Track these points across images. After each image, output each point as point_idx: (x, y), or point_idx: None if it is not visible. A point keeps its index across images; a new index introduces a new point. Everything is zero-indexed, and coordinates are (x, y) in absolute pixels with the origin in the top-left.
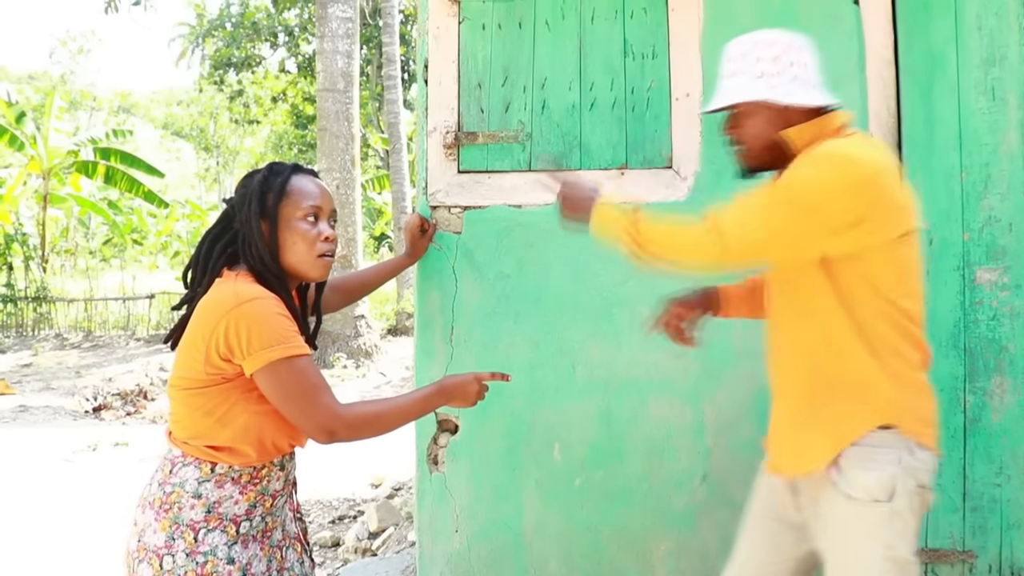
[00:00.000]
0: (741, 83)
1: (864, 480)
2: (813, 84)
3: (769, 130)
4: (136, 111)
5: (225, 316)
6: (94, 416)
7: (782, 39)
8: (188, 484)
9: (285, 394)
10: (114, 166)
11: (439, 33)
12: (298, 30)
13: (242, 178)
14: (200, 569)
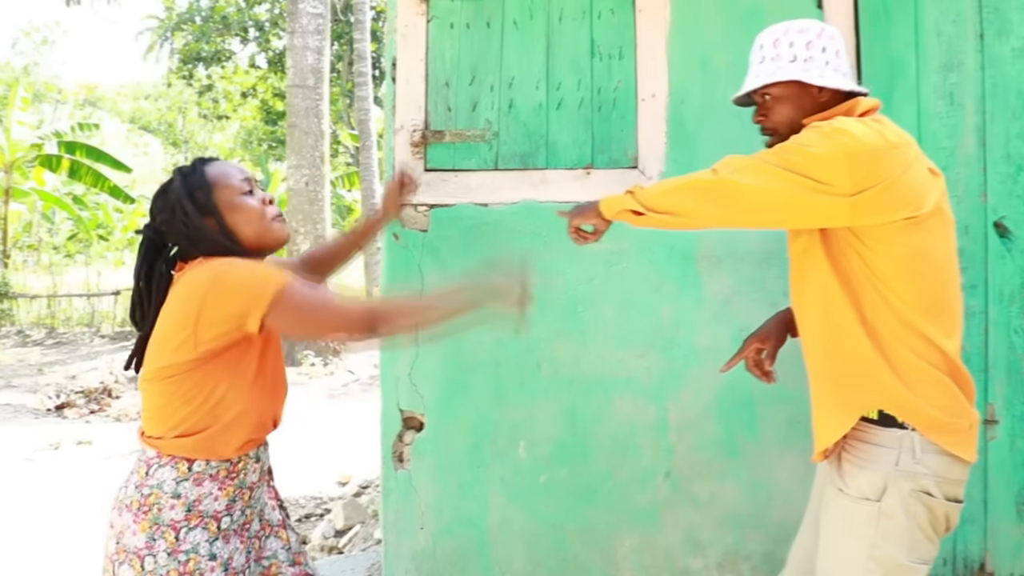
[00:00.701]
0: (775, 67)
1: (856, 477)
2: (844, 71)
3: (800, 115)
4: (103, 104)
5: (208, 290)
6: (56, 414)
7: (814, 26)
8: (166, 485)
9: (303, 319)
10: (79, 160)
11: (407, 31)
12: (269, 25)
13: (156, 198)
14: (182, 567)
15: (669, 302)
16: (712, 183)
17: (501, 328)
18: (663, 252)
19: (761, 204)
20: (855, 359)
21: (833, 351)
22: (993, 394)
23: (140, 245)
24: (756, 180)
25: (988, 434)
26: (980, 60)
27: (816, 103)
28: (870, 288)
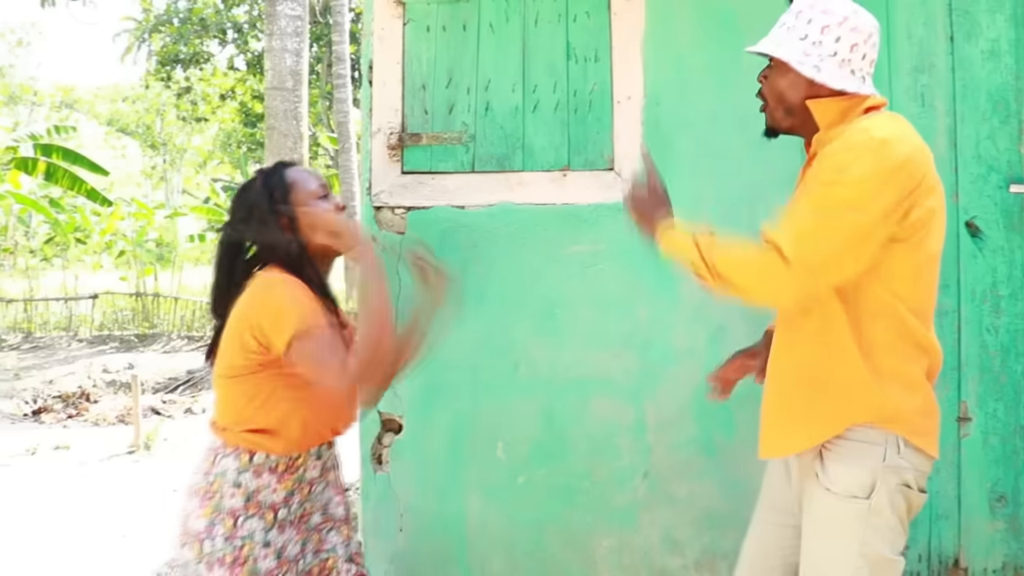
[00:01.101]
0: (783, 38)
1: (844, 475)
2: (853, 68)
3: (793, 95)
4: (80, 107)
5: (257, 303)
6: (33, 419)
7: (840, 11)
8: (228, 474)
9: (308, 369)
10: (56, 163)
11: (384, 34)
12: (247, 27)
13: (236, 196)
14: (237, 552)
15: (645, 303)
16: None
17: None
18: (639, 253)
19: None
20: (845, 377)
21: (820, 365)
22: (966, 392)
23: (219, 243)
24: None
25: (961, 431)
26: (950, 62)
27: (812, 89)
28: (878, 293)
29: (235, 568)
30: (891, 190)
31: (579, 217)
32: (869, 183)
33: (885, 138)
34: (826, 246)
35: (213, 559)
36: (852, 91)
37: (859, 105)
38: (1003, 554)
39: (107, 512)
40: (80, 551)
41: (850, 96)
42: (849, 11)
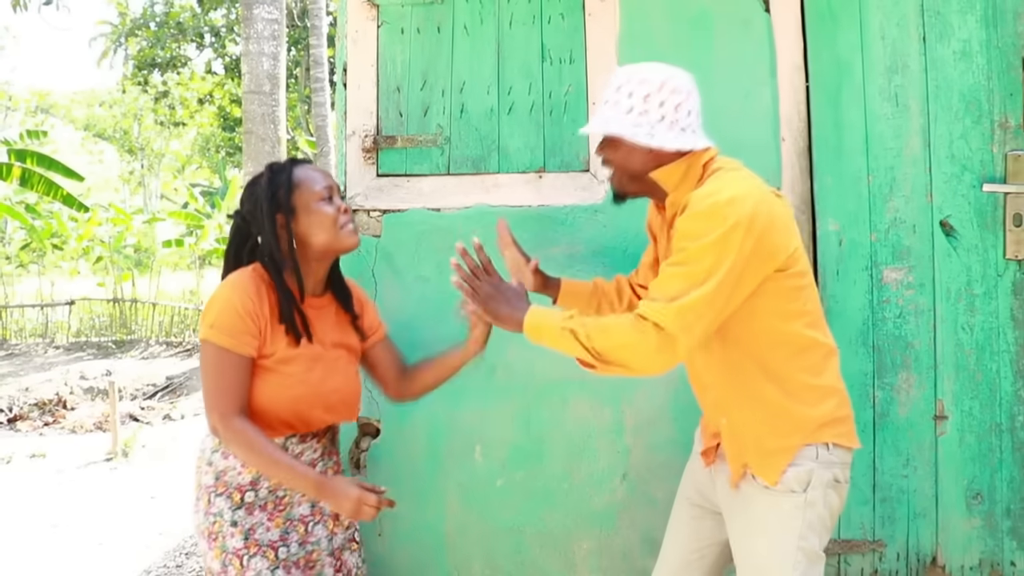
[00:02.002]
0: (610, 115)
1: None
2: (683, 126)
3: (634, 164)
4: (56, 112)
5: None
6: (9, 427)
7: (655, 78)
8: (206, 453)
9: (203, 373)
10: (31, 168)
11: (358, 37)
12: (224, 30)
13: (246, 187)
14: (211, 527)
15: None
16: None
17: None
18: (616, 254)
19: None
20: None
21: (740, 406)
22: (942, 390)
23: (231, 229)
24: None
25: (937, 430)
26: (923, 63)
27: (651, 156)
28: (771, 325)
29: (211, 542)
30: (747, 242)
31: (555, 219)
32: (723, 244)
33: (730, 197)
34: (706, 314)
35: (202, 530)
36: (687, 148)
37: (697, 162)
38: (980, 551)
39: (84, 520)
40: (57, 559)
41: (686, 156)
42: (665, 75)
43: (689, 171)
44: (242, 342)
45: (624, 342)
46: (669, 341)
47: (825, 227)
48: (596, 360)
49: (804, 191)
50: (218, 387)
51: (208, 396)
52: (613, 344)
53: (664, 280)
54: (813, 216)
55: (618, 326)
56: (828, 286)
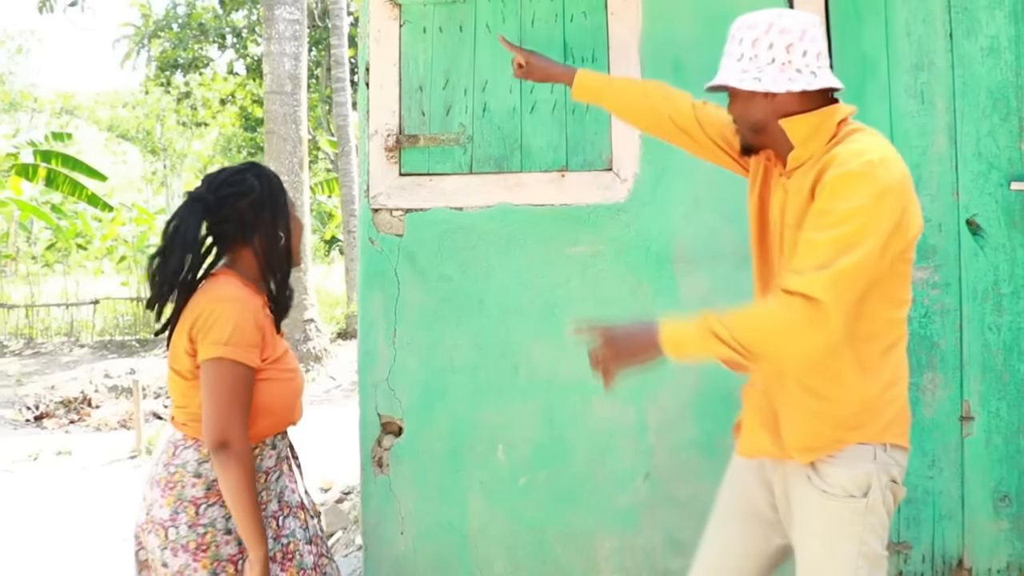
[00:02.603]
0: (725, 66)
1: (839, 476)
2: (798, 67)
3: (753, 113)
4: (80, 113)
5: (201, 309)
6: (36, 425)
7: (763, 21)
8: (189, 465)
9: (211, 391)
10: (56, 169)
11: (380, 36)
12: (246, 31)
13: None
14: (200, 539)
15: (645, 304)
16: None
17: None
18: (639, 254)
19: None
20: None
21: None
22: (968, 391)
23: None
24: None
25: (964, 431)
26: (950, 59)
27: (771, 104)
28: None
29: (198, 554)
30: (896, 209)
31: (578, 218)
32: (876, 208)
33: (881, 158)
34: (858, 282)
35: (178, 546)
36: (801, 89)
37: (831, 119)
38: (1007, 554)
39: (109, 516)
40: (82, 555)
41: (820, 111)
42: (773, 16)
43: (822, 126)
44: (254, 356)
45: (773, 326)
46: (822, 314)
47: None
48: (744, 356)
49: None
50: (233, 405)
51: (221, 415)
52: (761, 332)
53: (809, 248)
54: None
55: (762, 311)
56: None
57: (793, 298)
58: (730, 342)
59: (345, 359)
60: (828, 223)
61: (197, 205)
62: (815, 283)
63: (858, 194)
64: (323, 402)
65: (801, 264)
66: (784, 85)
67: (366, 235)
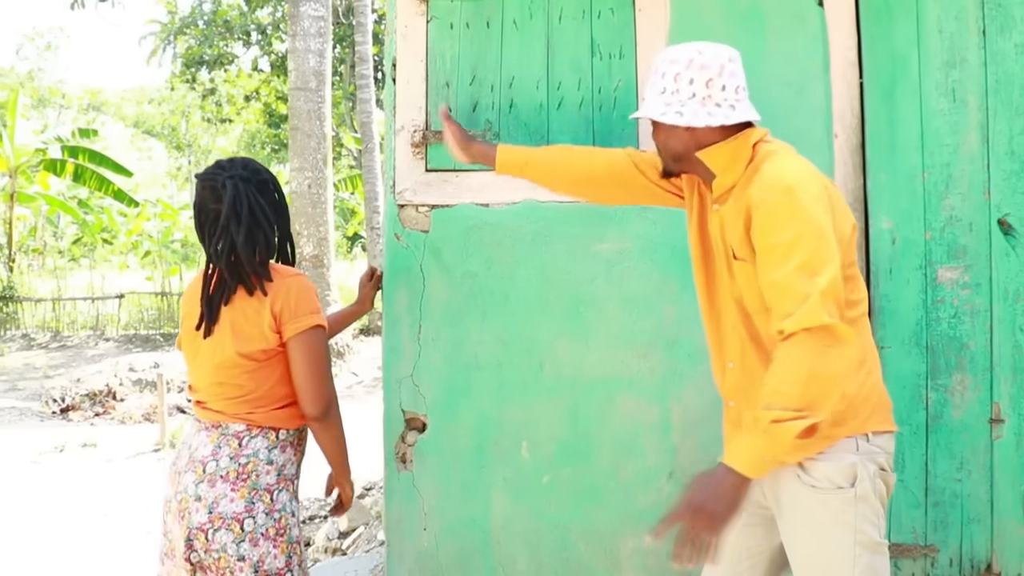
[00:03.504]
0: (647, 97)
1: (825, 469)
2: (717, 102)
3: (674, 144)
4: (106, 109)
5: (278, 286)
6: (61, 417)
7: (684, 56)
8: (261, 453)
9: (313, 359)
10: (83, 164)
11: (407, 32)
12: (271, 28)
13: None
14: (277, 524)
15: (671, 301)
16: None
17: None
18: (665, 251)
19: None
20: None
21: None
22: (999, 393)
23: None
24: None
25: (993, 433)
26: (983, 56)
27: (689, 137)
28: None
29: (278, 540)
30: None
31: (605, 215)
32: (815, 225)
33: (796, 180)
34: (840, 292)
35: (257, 535)
36: (719, 124)
37: (746, 143)
38: None
39: (133, 509)
40: (106, 547)
41: (734, 137)
42: (693, 52)
43: (737, 153)
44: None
45: (806, 371)
46: (833, 335)
47: (878, 225)
48: (809, 413)
49: (857, 188)
50: (329, 369)
51: (324, 380)
52: (801, 383)
53: (780, 290)
54: (866, 214)
55: (786, 368)
56: (880, 285)
57: (798, 337)
58: (791, 416)
59: (367, 355)
60: (780, 258)
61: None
62: (808, 314)
63: (792, 221)
64: (345, 398)
65: (783, 307)
66: (704, 120)
67: (392, 231)
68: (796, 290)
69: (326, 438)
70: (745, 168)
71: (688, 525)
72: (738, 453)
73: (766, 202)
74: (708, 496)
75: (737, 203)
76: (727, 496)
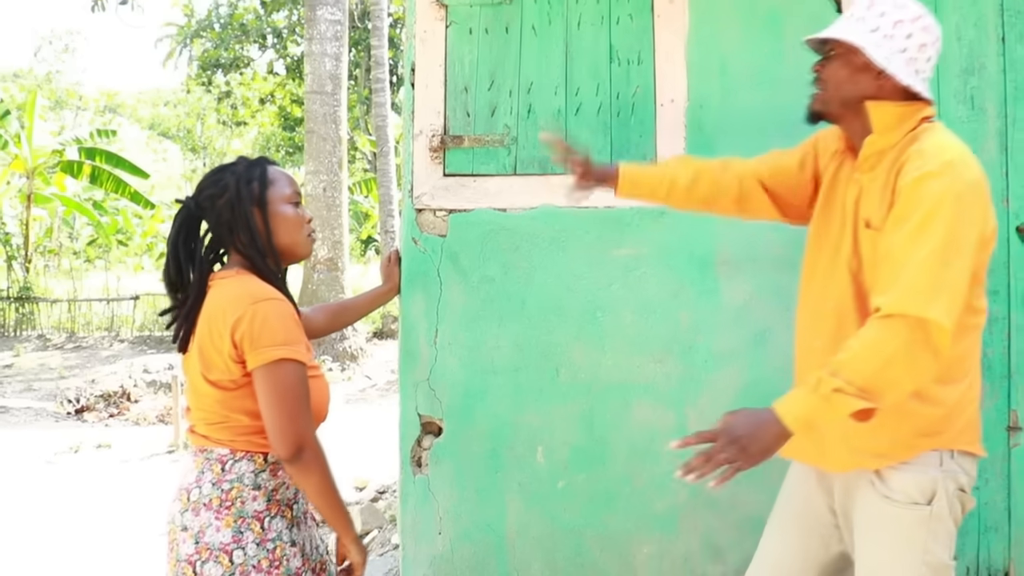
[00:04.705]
0: (852, 27)
1: (903, 482)
2: (918, 68)
3: (853, 87)
4: (122, 111)
5: (242, 312)
6: (76, 418)
7: (913, 11)
8: (246, 477)
9: (278, 396)
10: (99, 166)
11: (426, 37)
12: (287, 32)
13: (210, 174)
14: (271, 555)
15: (687, 307)
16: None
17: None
18: (682, 257)
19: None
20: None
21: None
22: (1016, 400)
23: (176, 216)
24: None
25: (1011, 441)
26: (1002, 64)
27: (873, 83)
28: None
29: (271, 571)
30: (976, 209)
31: (621, 220)
32: (959, 211)
33: (960, 157)
34: (961, 290)
35: (248, 567)
36: (915, 90)
37: (916, 113)
38: None
39: (147, 510)
40: (120, 548)
41: (910, 103)
42: (922, 10)
43: (904, 118)
44: (306, 353)
45: (887, 359)
46: (931, 334)
47: None
48: (871, 399)
49: None
50: (301, 405)
51: (294, 419)
52: (875, 366)
53: (900, 264)
54: None
55: (870, 346)
56: None
57: (894, 322)
58: (853, 392)
59: (381, 358)
60: (913, 231)
61: (182, 211)
62: (915, 301)
63: (940, 197)
64: (358, 401)
65: (893, 283)
66: (905, 78)
67: (409, 235)
68: (916, 271)
69: (303, 485)
70: (905, 135)
71: (717, 447)
72: (791, 406)
73: (921, 169)
74: (748, 432)
75: (888, 171)
76: (765, 440)
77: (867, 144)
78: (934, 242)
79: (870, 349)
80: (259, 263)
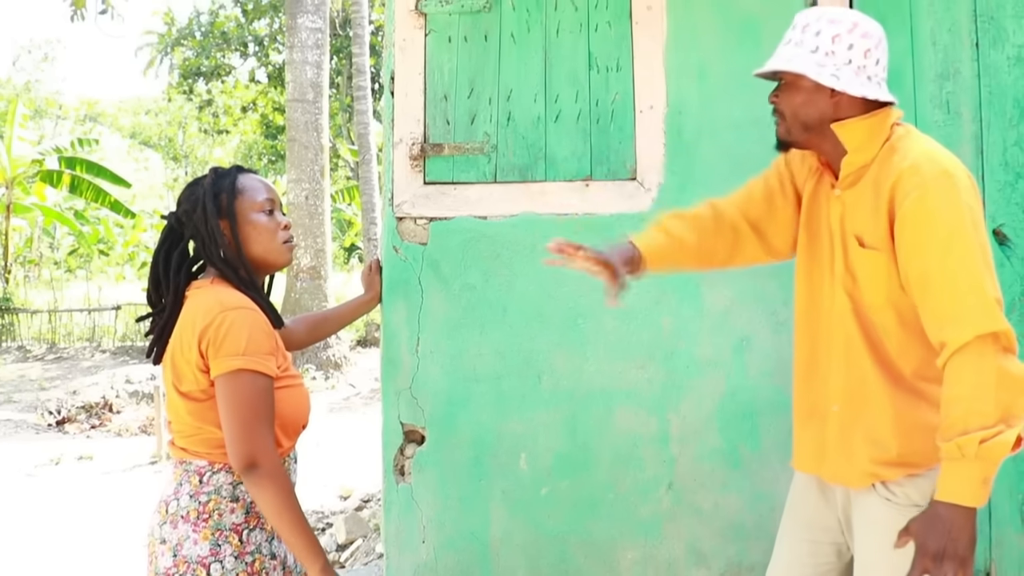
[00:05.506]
0: (793, 53)
1: (903, 485)
2: (870, 74)
3: (810, 111)
4: (103, 120)
5: (210, 320)
6: (57, 430)
7: (846, 19)
8: (223, 490)
9: (234, 407)
10: (80, 175)
11: (405, 45)
12: (268, 40)
13: (185, 188)
14: (250, 568)
15: (669, 313)
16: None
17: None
18: None
19: None
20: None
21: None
22: None
23: (162, 231)
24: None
25: None
26: (976, 69)
27: (830, 103)
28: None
29: None
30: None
31: (602, 227)
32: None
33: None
34: (997, 288)
35: None
36: (872, 97)
37: (885, 122)
38: None
39: (129, 522)
40: (102, 561)
41: (874, 113)
42: (857, 17)
43: (875, 131)
44: (272, 364)
45: (991, 380)
46: (1007, 340)
47: None
48: (1009, 422)
49: None
50: (259, 418)
51: (247, 432)
52: (991, 394)
53: (942, 286)
54: None
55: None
56: None
57: (973, 345)
58: (996, 431)
59: (364, 367)
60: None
61: (165, 226)
62: (983, 319)
63: (953, 212)
64: (343, 409)
65: (949, 312)
66: (858, 89)
67: (390, 243)
68: (964, 293)
69: (258, 501)
70: (880, 148)
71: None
72: (955, 487)
73: (921, 187)
74: (945, 541)
75: (875, 186)
76: (963, 534)
77: (845, 164)
78: (967, 259)
79: (975, 384)
80: (230, 275)
